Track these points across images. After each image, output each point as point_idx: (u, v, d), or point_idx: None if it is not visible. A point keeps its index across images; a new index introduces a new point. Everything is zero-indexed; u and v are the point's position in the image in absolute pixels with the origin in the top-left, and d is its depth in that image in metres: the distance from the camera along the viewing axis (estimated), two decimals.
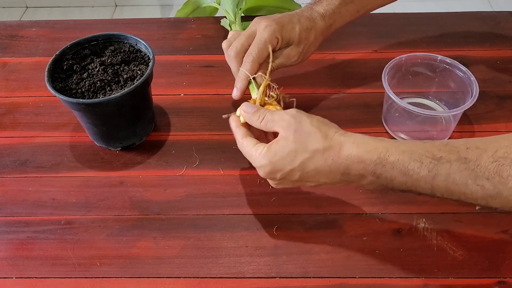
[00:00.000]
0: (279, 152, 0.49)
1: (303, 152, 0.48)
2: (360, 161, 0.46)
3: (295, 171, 0.49)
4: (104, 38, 0.67)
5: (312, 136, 0.48)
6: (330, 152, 0.47)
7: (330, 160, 0.47)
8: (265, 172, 0.50)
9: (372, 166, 0.46)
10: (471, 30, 0.83)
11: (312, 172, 0.48)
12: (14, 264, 0.55)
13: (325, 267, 0.53)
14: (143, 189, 0.61)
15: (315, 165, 0.48)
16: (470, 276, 0.52)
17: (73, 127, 0.70)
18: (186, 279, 0.53)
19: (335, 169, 0.47)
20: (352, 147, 0.47)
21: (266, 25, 0.59)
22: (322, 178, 0.49)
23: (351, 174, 0.47)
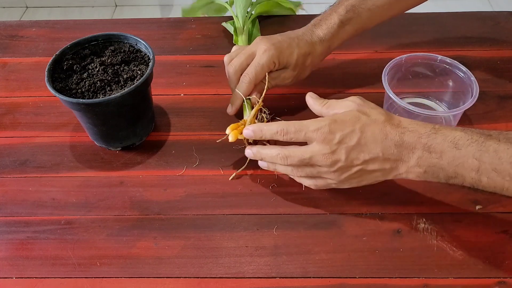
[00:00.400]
0: (343, 116, 0.52)
1: (365, 118, 0.51)
2: (415, 130, 0.49)
3: (355, 133, 0.50)
4: (104, 38, 0.67)
5: (376, 110, 0.52)
6: (390, 122, 0.50)
7: (388, 127, 0.50)
8: (326, 131, 0.50)
9: (425, 137, 0.48)
10: (471, 30, 0.83)
11: (370, 137, 0.50)
12: (14, 264, 0.55)
13: (325, 267, 0.53)
14: (143, 189, 0.61)
15: (374, 130, 0.50)
16: (470, 276, 0.52)
17: (73, 127, 0.70)
18: (186, 279, 0.53)
19: (391, 137, 0.49)
20: (410, 121, 0.51)
21: (265, 49, 0.62)
22: (377, 146, 0.50)
23: (403, 145, 0.49)
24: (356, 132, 0.50)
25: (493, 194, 0.58)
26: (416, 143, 0.48)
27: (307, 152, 0.52)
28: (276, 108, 0.70)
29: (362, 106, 0.52)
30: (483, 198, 0.58)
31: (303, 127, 0.52)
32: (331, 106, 0.54)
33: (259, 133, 0.55)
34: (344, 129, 0.50)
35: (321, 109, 0.55)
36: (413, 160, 0.49)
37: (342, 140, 0.50)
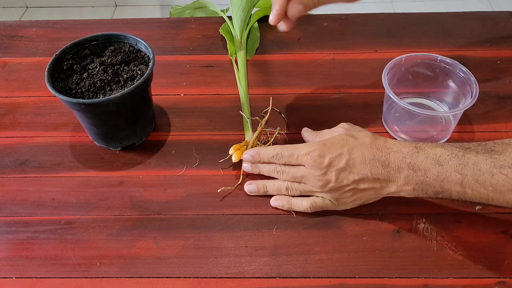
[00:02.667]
0: (332, 140, 0.55)
1: (353, 141, 0.54)
2: (399, 150, 0.51)
3: (343, 156, 0.53)
4: (104, 38, 0.67)
5: (363, 133, 0.56)
6: (376, 143, 0.53)
7: (375, 149, 0.52)
8: (316, 155, 0.53)
9: (408, 157, 0.51)
10: (471, 30, 0.83)
11: (358, 159, 0.53)
12: (14, 264, 0.55)
13: (325, 267, 0.53)
14: (143, 189, 0.61)
15: (362, 152, 0.53)
16: (470, 276, 0.52)
17: (73, 127, 0.70)
18: (186, 279, 0.53)
19: (378, 158, 0.52)
20: (395, 142, 0.53)
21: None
22: (365, 167, 0.52)
23: (390, 165, 0.51)
24: (344, 155, 0.53)
25: None
26: (401, 162, 0.51)
27: (299, 170, 0.56)
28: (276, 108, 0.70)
29: (349, 130, 0.57)
30: None
31: (295, 151, 0.56)
32: (323, 134, 0.60)
33: (257, 157, 0.59)
34: (332, 152, 0.53)
35: (315, 139, 0.60)
36: (401, 179, 0.51)
37: (331, 163, 0.53)
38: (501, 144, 0.48)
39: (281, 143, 0.65)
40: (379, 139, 0.54)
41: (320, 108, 0.70)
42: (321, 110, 0.70)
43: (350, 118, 0.68)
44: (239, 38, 0.77)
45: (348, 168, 0.53)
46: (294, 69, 0.77)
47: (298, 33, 0.85)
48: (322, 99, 0.72)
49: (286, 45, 0.82)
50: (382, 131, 0.67)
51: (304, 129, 0.64)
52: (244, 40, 0.77)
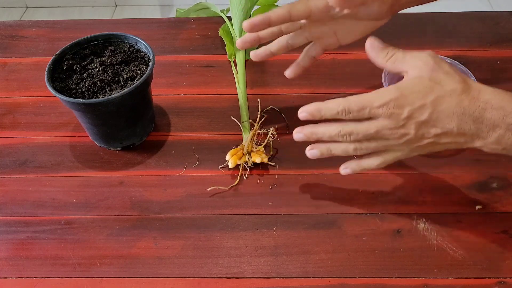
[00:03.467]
0: (411, 86, 0.46)
1: (439, 90, 0.45)
2: (500, 107, 0.44)
3: (426, 108, 0.45)
4: (104, 38, 0.67)
5: (451, 76, 0.46)
6: (468, 94, 0.45)
7: (466, 101, 0.45)
8: (393, 106, 0.45)
9: (510, 117, 0.44)
10: (471, 30, 0.83)
11: (444, 112, 0.45)
12: (14, 264, 0.55)
13: (325, 267, 0.53)
14: (143, 189, 0.61)
15: (449, 104, 0.45)
16: (470, 276, 0.52)
17: (73, 127, 0.70)
18: (186, 279, 0.53)
19: (469, 112, 0.44)
20: (493, 93, 0.45)
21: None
22: (452, 121, 0.45)
23: (484, 122, 0.44)
24: (428, 107, 0.45)
25: (493, 194, 0.58)
26: (500, 122, 0.44)
27: (372, 127, 0.47)
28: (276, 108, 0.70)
29: (435, 72, 0.46)
30: (483, 198, 0.58)
31: (367, 103, 0.46)
32: (398, 61, 0.48)
33: (317, 115, 0.49)
34: (413, 103, 0.45)
35: (385, 64, 0.49)
36: (492, 138, 0.45)
37: (411, 115, 0.45)
38: None
39: (280, 143, 0.65)
40: (473, 87, 0.45)
41: None
42: None
43: None
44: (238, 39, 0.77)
45: (431, 122, 0.45)
46: None
47: None
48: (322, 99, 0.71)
49: None
50: None
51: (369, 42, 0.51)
52: None
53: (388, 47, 0.50)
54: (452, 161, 0.62)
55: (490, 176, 0.60)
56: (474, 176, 0.60)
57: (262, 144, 0.63)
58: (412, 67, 0.47)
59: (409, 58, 0.48)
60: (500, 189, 0.59)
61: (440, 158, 0.63)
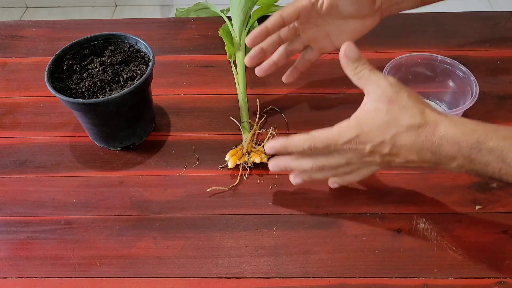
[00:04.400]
0: (370, 122, 0.48)
1: (396, 126, 0.47)
2: (455, 142, 0.45)
3: (385, 144, 0.47)
4: (104, 38, 0.67)
5: (408, 110, 0.47)
6: (425, 129, 0.46)
7: (423, 137, 0.46)
8: (356, 142, 0.48)
9: (467, 150, 0.45)
10: (471, 30, 0.83)
11: (403, 147, 0.47)
12: (14, 264, 0.55)
13: (325, 267, 0.53)
14: (143, 189, 0.61)
15: (407, 140, 0.47)
16: (470, 276, 0.52)
17: (73, 127, 0.70)
18: (186, 279, 0.53)
19: (427, 147, 0.46)
20: (449, 126, 0.46)
21: None
22: (411, 155, 0.47)
23: (442, 155, 0.46)
24: (387, 143, 0.47)
25: (493, 194, 0.58)
26: (457, 155, 0.46)
27: (342, 159, 0.50)
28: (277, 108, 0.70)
29: (392, 105, 0.47)
30: (483, 198, 0.58)
31: (331, 142, 0.49)
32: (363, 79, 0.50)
33: (284, 152, 0.52)
34: (374, 140, 0.48)
35: (352, 78, 0.51)
36: (453, 165, 0.47)
37: (373, 150, 0.48)
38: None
39: None
40: (429, 122, 0.46)
41: (320, 108, 0.70)
42: (321, 110, 0.70)
43: None
44: (238, 39, 0.77)
45: (393, 154, 0.48)
46: None
47: None
48: (322, 99, 0.72)
49: None
50: None
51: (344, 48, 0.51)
52: (244, 40, 0.77)
53: (360, 60, 0.50)
54: None
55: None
56: (474, 176, 0.60)
57: (262, 144, 0.63)
58: (372, 91, 0.49)
59: (373, 79, 0.49)
60: (500, 189, 0.59)
61: None
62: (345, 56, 0.51)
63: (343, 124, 0.49)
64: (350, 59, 0.50)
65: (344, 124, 0.49)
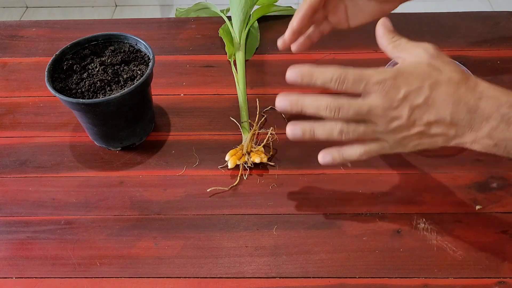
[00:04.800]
0: (411, 68, 0.45)
1: (437, 75, 0.44)
2: (495, 97, 0.44)
3: (422, 91, 0.44)
4: (104, 38, 0.67)
5: (449, 66, 0.45)
6: (465, 83, 0.44)
7: (463, 89, 0.44)
8: (390, 84, 0.44)
9: (505, 108, 0.43)
10: (471, 30, 0.83)
11: (440, 97, 0.44)
12: (14, 264, 0.55)
13: (325, 267, 0.53)
14: (143, 189, 0.61)
15: (446, 90, 0.44)
16: (470, 276, 0.52)
17: (73, 127, 0.70)
18: (186, 279, 0.53)
19: (464, 101, 0.44)
20: (489, 86, 0.45)
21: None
22: (446, 108, 0.44)
23: (478, 112, 0.44)
24: (425, 90, 0.44)
25: (493, 194, 0.58)
26: (494, 112, 0.43)
27: (365, 104, 0.45)
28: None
29: (435, 59, 0.45)
30: (483, 198, 0.58)
31: (364, 77, 0.44)
32: (400, 47, 0.48)
33: (307, 79, 0.46)
34: (411, 85, 0.44)
35: (387, 46, 0.49)
36: (485, 130, 0.44)
37: (407, 96, 0.44)
38: None
39: (280, 143, 0.65)
40: (471, 79, 0.45)
41: None
42: None
43: None
44: (238, 39, 0.77)
45: (425, 106, 0.44)
46: None
47: None
48: None
49: None
50: None
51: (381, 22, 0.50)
52: (243, 40, 0.77)
53: (396, 33, 0.49)
54: (452, 161, 0.62)
55: (490, 176, 0.60)
56: (474, 176, 0.60)
57: (261, 144, 0.63)
58: (412, 54, 0.47)
59: (410, 46, 0.48)
60: (500, 189, 0.59)
61: (440, 158, 0.63)
62: (383, 26, 0.49)
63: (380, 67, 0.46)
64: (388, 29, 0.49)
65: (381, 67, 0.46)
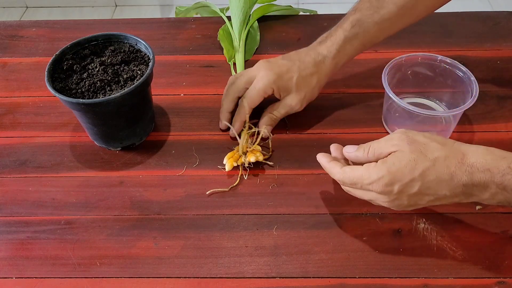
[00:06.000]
0: (397, 162, 0.46)
1: (423, 161, 0.46)
2: (486, 169, 0.44)
3: (415, 182, 0.46)
4: (104, 38, 0.67)
5: (430, 145, 0.47)
6: (452, 159, 0.45)
7: (452, 167, 0.45)
8: (382, 184, 0.47)
9: (499, 176, 0.44)
10: (471, 30, 0.83)
11: (433, 182, 0.46)
12: (14, 264, 0.55)
13: (325, 267, 0.53)
14: (143, 189, 0.61)
15: (437, 173, 0.45)
16: (470, 276, 0.52)
17: (73, 127, 0.70)
18: (186, 279, 0.53)
19: (458, 178, 0.45)
20: (476, 154, 0.45)
21: (263, 75, 0.63)
22: (442, 189, 0.46)
23: (474, 183, 0.45)
24: (417, 180, 0.46)
25: None
26: (489, 182, 0.44)
27: (366, 195, 0.50)
28: None
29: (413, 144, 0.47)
30: None
31: (358, 180, 0.49)
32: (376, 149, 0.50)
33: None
34: (402, 179, 0.46)
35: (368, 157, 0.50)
36: (485, 195, 0.46)
37: (402, 190, 0.47)
38: None
39: (280, 144, 0.65)
40: (456, 150, 0.46)
41: (320, 108, 0.70)
42: (321, 110, 0.70)
43: (350, 118, 0.69)
44: (238, 40, 0.77)
45: (423, 192, 0.47)
46: None
47: (298, 33, 0.85)
48: (322, 99, 0.72)
49: (286, 45, 0.82)
50: (382, 131, 0.67)
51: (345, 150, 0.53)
52: (243, 41, 0.77)
53: (361, 146, 0.52)
54: None
55: None
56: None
57: (255, 143, 0.62)
58: (391, 147, 0.48)
59: (383, 143, 0.49)
60: None
61: None
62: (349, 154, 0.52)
63: (370, 165, 0.49)
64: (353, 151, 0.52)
65: (371, 165, 0.49)
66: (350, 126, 0.68)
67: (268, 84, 0.63)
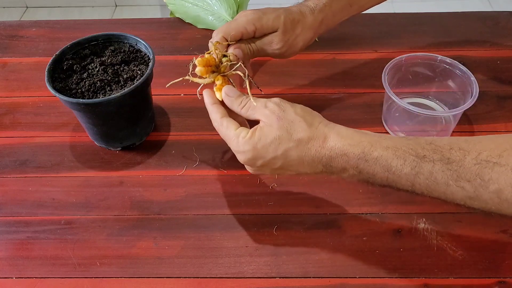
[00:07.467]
0: (263, 138, 0.48)
1: (287, 141, 0.48)
2: (343, 154, 0.46)
3: (277, 159, 0.48)
4: (104, 38, 0.67)
5: (297, 124, 0.48)
6: (314, 142, 0.47)
7: (313, 151, 0.47)
8: (245, 158, 0.49)
9: (355, 161, 0.46)
10: (471, 30, 0.83)
11: (295, 161, 0.48)
12: (14, 264, 0.55)
13: (325, 267, 0.53)
14: (143, 189, 0.61)
15: (298, 154, 0.48)
16: (470, 276, 0.52)
17: (73, 127, 0.70)
18: (186, 279, 0.53)
19: (318, 160, 0.47)
20: (336, 139, 0.47)
21: (247, 12, 0.59)
22: (303, 167, 0.49)
23: (333, 166, 0.47)
24: (279, 159, 0.48)
25: None
26: (346, 165, 0.47)
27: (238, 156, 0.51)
28: None
29: (281, 121, 0.48)
30: None
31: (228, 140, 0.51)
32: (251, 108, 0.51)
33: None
34: (265, 156, 0.48)
35: (241, 111, 0.52)
36: (345, 175, 0.48)
37: (264, 164, 0.49)
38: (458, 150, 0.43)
39: None
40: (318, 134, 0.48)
41: (320, 108, 0.70)
42: (321, 110, 0.70)
43: (350, 118, 0.69)
44: None
45: (284, 168, 0.49)
46: (294, 69, 0.77)
47: None
48: (322, 99, 0.72)
49: None
50: (382, 131, 0.67)
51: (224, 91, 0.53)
52: None
53: (242, 95, 0.52)
54: None
55: None
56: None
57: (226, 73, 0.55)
58: (261, 115, 0.49)
59: (259, 107, 0.50)
60: None
61: None
62: (227, 96, 0.53)
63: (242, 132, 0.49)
64: (233, 97, 0.52)
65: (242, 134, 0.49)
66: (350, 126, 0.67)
67: (252, 20, 0.58)
